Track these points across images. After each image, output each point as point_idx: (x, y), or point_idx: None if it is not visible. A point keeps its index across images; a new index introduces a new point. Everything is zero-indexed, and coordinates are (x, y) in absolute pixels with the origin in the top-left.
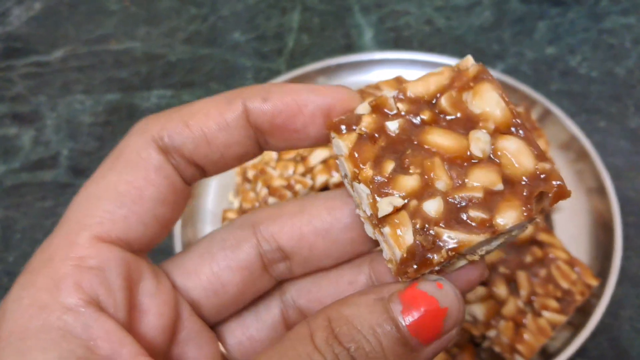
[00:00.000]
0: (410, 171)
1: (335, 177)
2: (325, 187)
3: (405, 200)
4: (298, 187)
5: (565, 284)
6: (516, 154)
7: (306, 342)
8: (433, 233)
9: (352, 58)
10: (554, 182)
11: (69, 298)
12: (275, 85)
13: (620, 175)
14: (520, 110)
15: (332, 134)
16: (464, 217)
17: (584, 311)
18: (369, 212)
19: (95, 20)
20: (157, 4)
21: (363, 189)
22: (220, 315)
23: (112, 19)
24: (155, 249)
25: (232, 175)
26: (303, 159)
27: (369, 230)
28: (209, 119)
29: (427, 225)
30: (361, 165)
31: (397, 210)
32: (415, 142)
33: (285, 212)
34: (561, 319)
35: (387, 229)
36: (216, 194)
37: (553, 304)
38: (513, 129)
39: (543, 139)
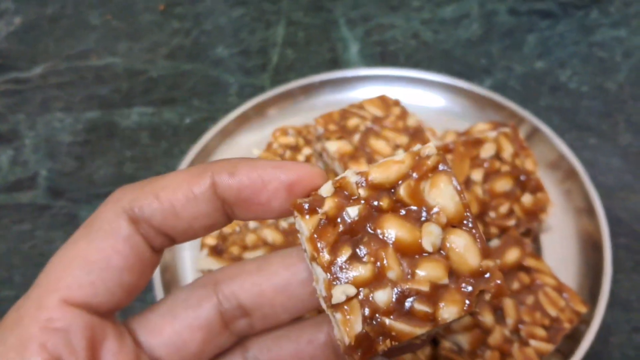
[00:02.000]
0: (364, 260)
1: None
2: None
3: (358, 290)
4: None
5: (553, 311)
6: (464, 250)
7: None
8: (379, 322)
9: (336, 75)
10: (495, 282)
11: (33, 358)
12: (242, 160)
13: (611, 195)
14: (507, 130)
15: (296, 213)
16: (409, 308)
17: (573, 338)
18: (323, 294)
19: (76, 35)
20: (139, 18)
21: (320, 272)
22: None
23: (93, 33)
24: None
25: None
26: None
27: (323, 305)
28: (178, 192)
29: (376, 315)
30: (320, 249)
31: (349, 299)
32: (372, 230)
33: (245, 271)
34: (549, 347)
35: (338, 315)
36: None
37: (540, 332)
38: (465, 221)
39: (531, 158)
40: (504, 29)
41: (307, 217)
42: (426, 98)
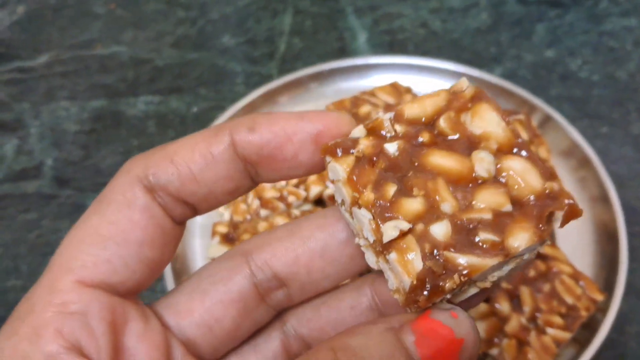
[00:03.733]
0: (414, 194)
1: (331, 188)
2: (319, 199)
3: (411, 224)
4: (291, 198)
5: (570, 299)
6: (522, 173)
7: None
8: (443, 258)
9: (345, 63)
10: (565, 201)
11: (49, 345)
12: (262, 115)
13: (624, 184)
14: (520, 117)
15: (328, 158)
16: (474, 240)
17: (589, 327)
18: (371, 239)
19: (81, 24)
20: (144, 7)
21: (364, 214)
22: (218, 352)
23: (97, 22)
24: None
25: None
26: None
27: (371, 259)
28: (194, 154)
29: (436, 250)
30: (361, 189)
31: (403, 234)
32: (417, 165)
33: (276, 237)
34: (566, 336)
35: (393, 255)
36: None
37: (557, 320)
38: (515, 149)
39: (544, 146)
40: (513, 18)
41: (341, 158)
42: (437, 86)
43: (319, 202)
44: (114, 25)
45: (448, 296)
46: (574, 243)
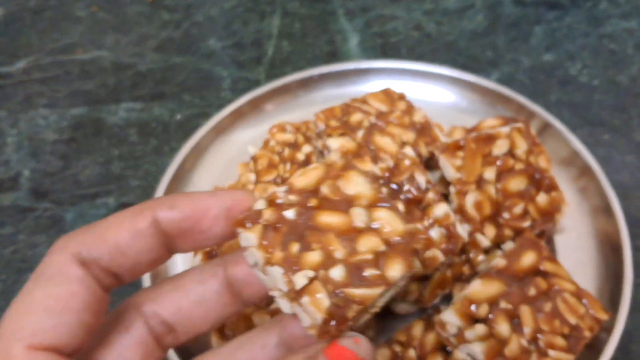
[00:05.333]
0: (313, 248)
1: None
2: None
3: (315, 272)
4: None
5: (572, 319)
6: (388, 220)
7: None
8: (343, 294)
9: (336, 67)
10: (422, 237)
11: None
12: (180, 195)
13: (628, 194)
14: (519, 125)
15: (239, 230)
16: (363, 276)
17: (593, 347)
18: (285, 289)
19: (61, 28)
20: (126, 9)
21: (277, 270)
22: None
23: (78, 26)
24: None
25: None
26: (284, 180)
27: (285, 306)
28: (122, 230)
29: (337, 289)
30: (271, 251)
31: (310, 281)
32: (310, 224)
33: (163, 291)
34: (569, 358)
35: (306, 298)
36: None
37: (560, 341)
38: (380, 203)
39: (544, 155)
40: (509, 20)
41: (251, 228)
42: (431, 92)
43: None
44: (95, 29)
45: (350, 324)
46: (576, 257)
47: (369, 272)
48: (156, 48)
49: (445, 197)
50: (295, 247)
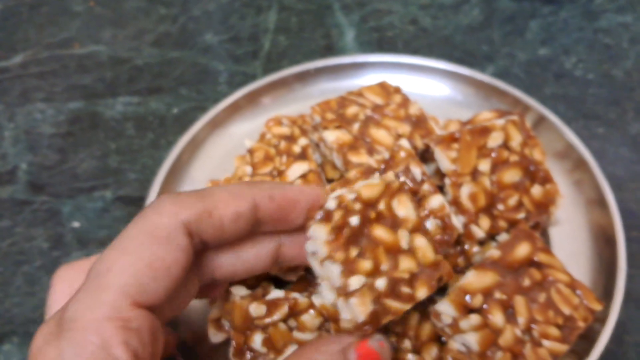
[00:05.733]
0: (367, 257)
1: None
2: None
3: (366, 279)
4: None
5: (566, 310)
6: (424, 249)
7: None
8: (382, 303)
9: (332, 61)
10: (445, 269)
11: (118, 353)
12: (274, 185)
13: (622, 186)
14: (514, 118)
15: (312, 223)
16: (399, 291)
17: (587, 338)
18: (337, 284)
19: (58, 23)
20: (123, 4)
21: (336, 267)
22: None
23: (75, 20)
24: None
25: None
26: (280, 173)
27: (329, 296)
28: (228, 209)
29: (378, 297)
30: (335, 249)
31: (362, 286)
32: (367, 233)
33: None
34: (563, 348)
35: (354, 300)
36: None
37: (554, 331)
38: (421, 228)
39: (539, 148)
40: (505, 15)
41: (323, 224)
42: (427, 85)
43: None
44: (92, 24)
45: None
46: (570, 249)
47: (404, 289)
48: (153, 42)
49: (441, 189)
50: (354, 252)
